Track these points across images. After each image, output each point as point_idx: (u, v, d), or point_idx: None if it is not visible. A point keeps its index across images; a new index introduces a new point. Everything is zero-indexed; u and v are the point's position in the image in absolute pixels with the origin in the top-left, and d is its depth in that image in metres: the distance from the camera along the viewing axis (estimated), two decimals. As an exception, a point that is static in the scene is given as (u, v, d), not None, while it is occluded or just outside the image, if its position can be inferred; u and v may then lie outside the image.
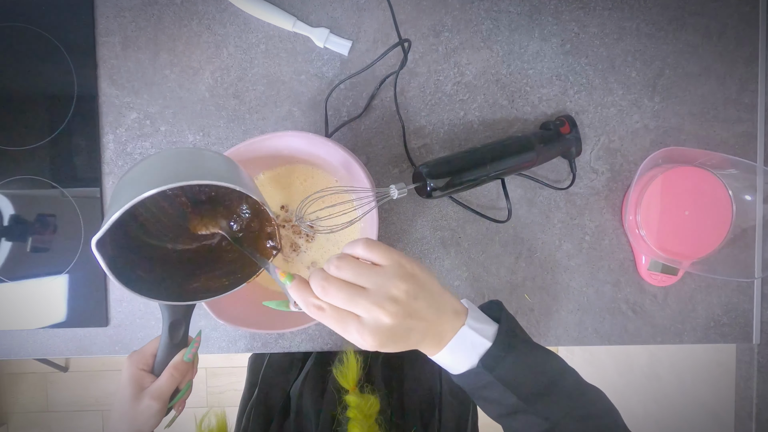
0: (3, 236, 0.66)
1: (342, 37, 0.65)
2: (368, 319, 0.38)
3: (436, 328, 0.42)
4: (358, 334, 0.39)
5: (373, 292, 0.39)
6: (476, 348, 0.42)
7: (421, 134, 0.67)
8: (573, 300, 0.68)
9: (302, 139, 0.55)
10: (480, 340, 0.42)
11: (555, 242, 0.68)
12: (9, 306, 0.66)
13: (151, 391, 0.50)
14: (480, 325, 0.43)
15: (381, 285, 0.39)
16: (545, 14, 0.66)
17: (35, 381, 1.71)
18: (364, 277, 0.39)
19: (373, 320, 0.38)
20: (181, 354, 0.52)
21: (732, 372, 0.74)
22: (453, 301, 0.43)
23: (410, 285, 0.40)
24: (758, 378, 0.69)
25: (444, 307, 0.42)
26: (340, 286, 0.39)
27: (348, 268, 0.40)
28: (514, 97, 0.67)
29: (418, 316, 0.40)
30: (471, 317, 0.43)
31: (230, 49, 0.65)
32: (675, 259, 0.65)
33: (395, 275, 0.39)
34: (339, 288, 0.39)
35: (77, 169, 0.66)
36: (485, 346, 0.42)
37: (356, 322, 0.39)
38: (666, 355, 1.07)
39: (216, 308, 0.56)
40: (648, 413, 1.13)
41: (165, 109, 0.66)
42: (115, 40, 0.65)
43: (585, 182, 0.68)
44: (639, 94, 0.67)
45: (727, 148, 0.67)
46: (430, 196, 0.56)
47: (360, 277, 0.39)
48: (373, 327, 0.38)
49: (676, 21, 0.66)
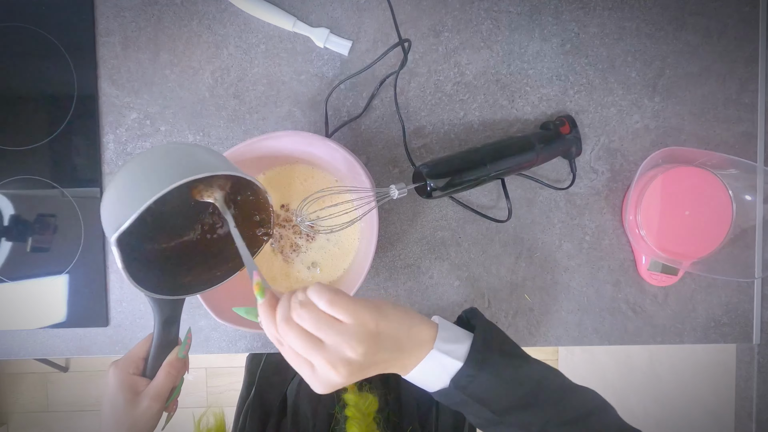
0: (3, 236, 0.66)
1: (342, 37, 0.65)
2: (321, 372, 0.39)
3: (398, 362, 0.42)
4: (309, 381, 0.40)
5: (330, 349, 0.38)
6: (447, 369, 0.42)
7: (421, 134, 0.67)
8: (573, 300, 0.68)
9: (302, 139, 0.55)
10: (449, 361, 0.42)
11: (555, 242, 0.68)
12: (9, 306, 0.66)
13: (150, 392, 0.49)
14: (451, 346, 0.43)
15: (338, 344, 0.38)
16: (545, 14, 0.66)
17: (35, 381, 1.71)
18: (322, 332, 0.39)
19: (324, 375, 0.39)
20: (175, 351, 0.51)
21: (732, 372, 0.74)
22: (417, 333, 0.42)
23: (368, 346, 0.39)
24: (758, 378, 0.69)
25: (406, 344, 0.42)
26: (298, 333, 0.39)
27: (308, 319, 0.39)
28: (514, 97, 0.67)
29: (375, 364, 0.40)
30: (441, 339, 0.43)
31: (230, 49, 0.65)
32: (675, 259, 0.65)
33: (354, 336, 0.39)
34: (297, 336, 0.39)
35: (77, 169, 0.66)
36: (456, 366, 0.42)
37: (309, 369, 0.39)
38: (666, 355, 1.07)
39: (216, 308, 0.56)
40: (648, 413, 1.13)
41: (165, 109, 0.66)
42: (115, 40, 0.65)
43: (585, 182, 0.68)
44: (639, 94, 0.67)
45: (727, 148, 0.67)
46: (430, 196, 0.56)
47: (319, 331, 0.39)
48: (324, 380, 0.39)
49: (676, 21, 0.66)
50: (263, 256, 0.63)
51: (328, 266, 0.63)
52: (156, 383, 0.50)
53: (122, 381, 0.49)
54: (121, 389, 0.49)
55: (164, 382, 0.50)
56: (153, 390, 0.49)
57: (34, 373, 1.70)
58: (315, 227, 0.57)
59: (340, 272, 0.64)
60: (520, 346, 0.48)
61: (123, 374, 0.50)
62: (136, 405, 0.49)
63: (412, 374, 0.43)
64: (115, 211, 0.42)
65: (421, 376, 0.43)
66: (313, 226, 0.57)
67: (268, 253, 0.64)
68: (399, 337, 0.41)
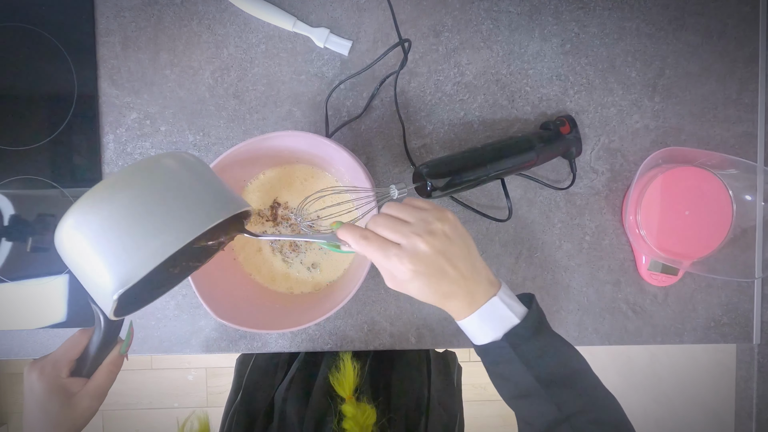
0: (3, 236, 0.66)
1: (342, 37, 0.65)
2: (407, 245, 0.42)
3: (469, 286, 0.43)
4: (397, 258, 0.42)
5: (415, 224, 0.43)
6: (504, 322, 0.43)
7: (421, 134, 0.67)
8: (573, 300, 0.68)
9: (302, 139, 0.55)
10: (509, 314, 0.43)
11: (555, 242, 0.68)
12: (9, 306, 0.66)
13: (91, 391, 0.49)
14: (512, 301, 0.44)
15: (422, 219, 0.43)
16: (545, 14, 0.66)
17: (35, 381, 1.71)
18: (407, 213, 0.44)
19: (411, 247, 0.42)
20: (117, 349, 0.51)
21: (732, 372, 0.74)
22: (488, 271, 0.45)
23: (448, 227, 0.43)
24: (758, 378, 0.69)
25: (479, 270, 0.44)
26: (387, 218, 0.44)
27: (395, 207, 0.45)
28: (514, 97, 0.67)
29: (452, 262, 0.42)
30: (504, 292, 0.44)
31: (230, 49, 0.65)
32: (675, 259, 0.65)
33: (436, 217, 0.43)
34: (386, 218, 0.44)
35: (77, 169, 0.66)
36: (513, 322, 0.43)
37: (396, 248, 0.42)
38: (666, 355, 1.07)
39: (216, 308, 0.56)
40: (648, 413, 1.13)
41: (165, 109, 0.66)
42: (115, 40, 0.65)
43: (585, 182, 0.68)
44: (639, 94, 0.67)
45: (727, 148, 0.67)
46: (430, 196, 0.56)
47: (404, 213, 0.44)
48: (411, 253, 0.42)
49: (676, 21, 0.66)
50: (263, 256, 0.63)
51: (328, 266, 0.63)
52: (97, 382, 0.50)
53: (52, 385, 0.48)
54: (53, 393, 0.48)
55: (105, 381, 0.50)
56: (94, 389, 0.49)
57: (34, 373, 1.70)
58: (315, 227, 0.58)
59: (340, 272, 0.64)
60: None
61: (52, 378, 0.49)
62: (74, 406, 0.48)
63: (472, 318, 0.44)
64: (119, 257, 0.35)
65: (478, 321, 0.44)
66: (312, 226, 0.57)
67: (268, 253, 0.64)
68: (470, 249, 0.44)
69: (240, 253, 0.63)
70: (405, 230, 0.42)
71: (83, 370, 0.51)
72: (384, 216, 0.44)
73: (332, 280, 0.63)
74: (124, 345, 0.52)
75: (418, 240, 0.42)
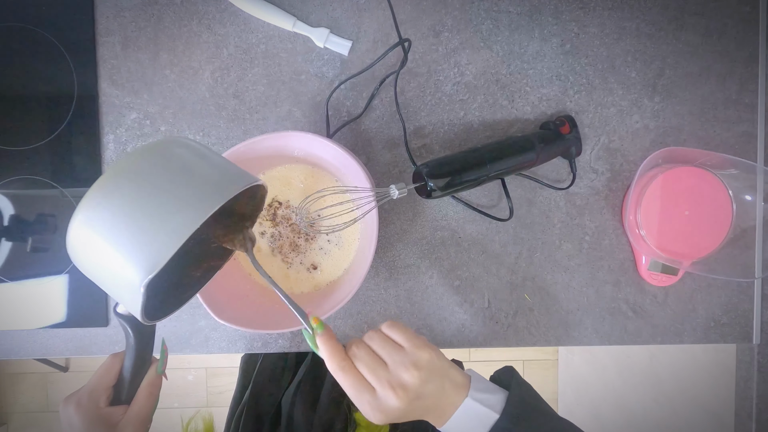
0: (3, 236, 0.66)
1: (342, 37, 0.65)
2: (381, 396, 0.42)
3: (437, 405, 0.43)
4: (369, 406, 0.42)
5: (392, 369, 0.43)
6: (483, 420, 0.43)
7: (421, 134, 0.67)
8: (573, 300, 0.68)
9: (302, 139, 0.55)
10: (485, 411, 0.43)
11: (555, 242, 0.68)
12: (9, 306, 0.66)
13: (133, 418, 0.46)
14: (485, 395, 0.44)
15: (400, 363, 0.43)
16: (545, 14, 0.66)
17: (35, 381, 1.71)
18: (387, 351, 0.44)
19: (384, 398, 0.42)
20: (153, 369, 0.48)
21: (732, 372, 0.74)
22: (455, 375, 0.45)
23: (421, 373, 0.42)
24: (758, 378, 0.69)
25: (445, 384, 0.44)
26: (367, 352, 0.44)
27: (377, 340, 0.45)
28: (514, 97, 0.67)
29: (423, 398, 0.42)
30: (474, 389, 0.44)
31: (230, 49, 0.65)
32: (675, 259, 0.65)
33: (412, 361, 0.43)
34: (366, 353, 0.43)
35: (77, 169, 0.66)
36: (492, 418, 0.43)
37: (370, 394, 0.42)
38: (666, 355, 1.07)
39: (216, 308, 0.56)
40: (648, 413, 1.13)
41: (165, 109, 0.66)
42: (115, 40, 0.65)
43: (585, 182, 0.68)
44: (639, 94, 0.67)
45: (727, 148, 0.67)
46: (430, 196, 0.56)
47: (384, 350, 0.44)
48: (383, 405, 0.42)
49: (676, 21, 0.66)
50: (263, 257, 0.63)
51: (328, 266, 0.63)
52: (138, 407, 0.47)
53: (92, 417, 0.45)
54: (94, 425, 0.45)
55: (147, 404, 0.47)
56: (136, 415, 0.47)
57: (34, 373, 1.70)
58: (315, 227, 0.58)
59: (340, 272, 0.64)
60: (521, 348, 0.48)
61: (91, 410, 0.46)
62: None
63: (449, 424, 0.44)
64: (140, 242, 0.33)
65: (457, 426, 0.44)
66: (313, 226, 0.57)
67: (267, 253, 0.64)
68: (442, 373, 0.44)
69: (240, 253, 0.63)
70: (381, 375, 0.42)
71: (122, 396, 0.48)
72: (365, 349, 0.44)
73: (332, 280, 0.63)
74: (159, 364, 0.49)
75: (391, 395, 0.41)
